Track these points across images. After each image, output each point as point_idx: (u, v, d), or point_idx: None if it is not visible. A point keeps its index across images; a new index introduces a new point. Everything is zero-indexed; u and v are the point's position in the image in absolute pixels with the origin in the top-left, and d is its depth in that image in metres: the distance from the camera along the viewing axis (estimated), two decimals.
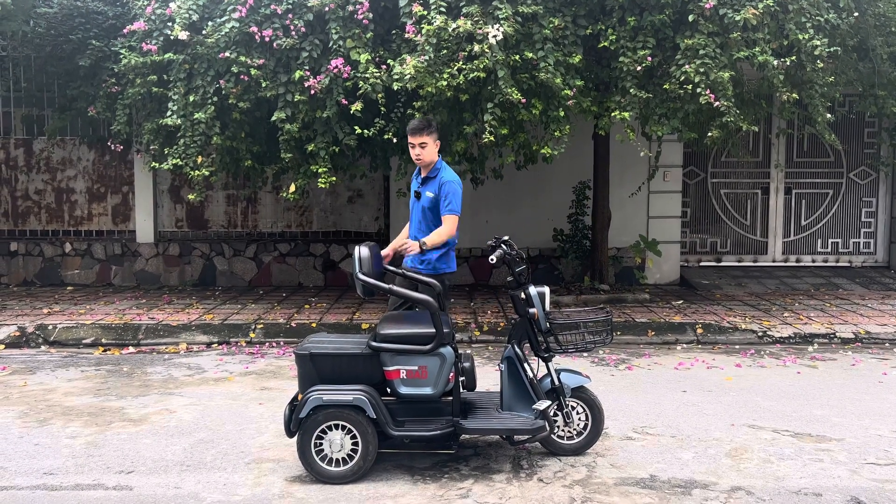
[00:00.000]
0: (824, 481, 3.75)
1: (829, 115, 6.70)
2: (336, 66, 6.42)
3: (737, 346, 6.73)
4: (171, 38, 6.69)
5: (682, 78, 6.31)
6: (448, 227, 4.45)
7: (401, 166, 7.53)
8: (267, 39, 6.58)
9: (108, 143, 8.32)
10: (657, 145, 8.00)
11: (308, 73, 6.54)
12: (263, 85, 6.62)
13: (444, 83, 6.07)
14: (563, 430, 4.06)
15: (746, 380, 5.60)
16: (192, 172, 6.90)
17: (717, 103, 6.25)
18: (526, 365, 3.96)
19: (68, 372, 5.89)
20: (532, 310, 3.96)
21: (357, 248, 3.96)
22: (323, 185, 6.79)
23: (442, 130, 6.89)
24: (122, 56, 6.92)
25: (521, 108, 6.35)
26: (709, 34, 6.39)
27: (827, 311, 7.80)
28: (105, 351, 6.64)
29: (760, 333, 6.91)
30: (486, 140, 6.28)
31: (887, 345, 6.73)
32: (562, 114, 6.48)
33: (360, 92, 6.37)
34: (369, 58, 6.42)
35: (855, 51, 7.16)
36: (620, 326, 6.95)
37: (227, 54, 6.58)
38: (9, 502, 3.53)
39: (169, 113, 6.83)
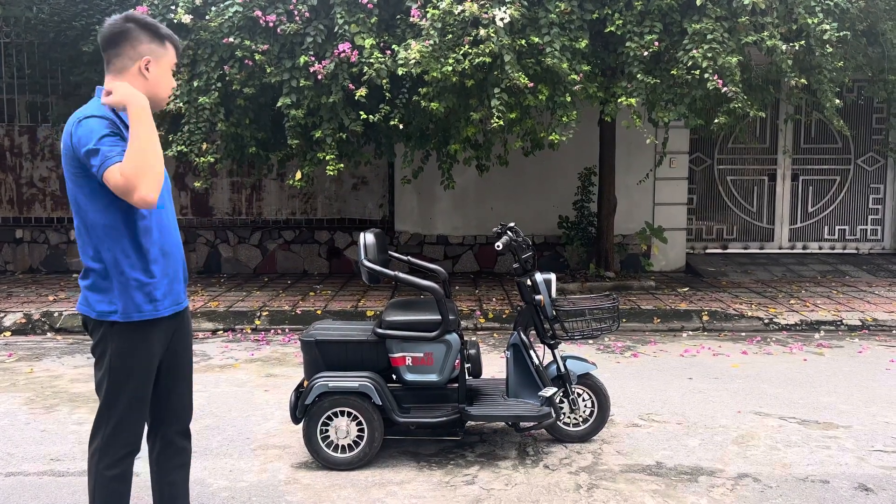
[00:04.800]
0: (831, 468, 3.74)
1: (837, 101, 6.63)
2: (343, 51, 6.38)
3: (743, 334, 6.71)
4: (175, 22, 6.65)
5: (690, 63, 6.25)
6: None
7: (406, 153, 7.50)
8: (271, 24, 6.54)
9: None
10: (664, 132, 7.95)
11: (313, 59, 6.50)
12: (268, 70, 6.59)
13: (450, 68, 6.03)
14: (568, 417, 4.05)
15: (753, 367, 5.59)
16: (197, 159, 6.89)
17: (724, 89, 6.20)
18: (532, 352, 3.95)
19: (74, 359, 5.90)
20: (538, 297, 3.95)
21: (362, 235, 3.94)
22: (331, 173, 6.77)
23: (449, 117, 6.87)
24: None
25: (528, 94, 6.31)
26: (717, 18, 6.32)
27: (833, 298, 7.76)
28: None
29: (766, 320, 6.89)
30: (495, 125, 6.24)
31: (894, 332, 6.70)
32: (568, 99, 6.43)
33: (365, 77, 6.33)
34: (374, 43, 6.38)
35: (864, 35, 7.08)
36: (626, 313, 6.93)
37: (230, 39, 6.54)
38: (16, 488, 3.54)
39: (173, 98, 6.80)
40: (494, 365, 5.35)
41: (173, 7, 6.72)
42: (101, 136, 2.34)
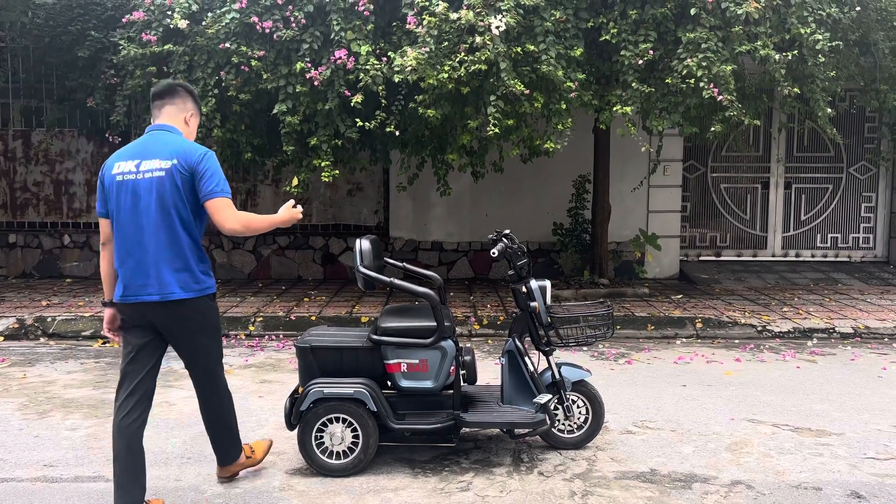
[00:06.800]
0: (824, 476, 3.76)
1: (829, 110, 6.69)
2: (339, 57, 6.39)
3: (736, 341, 6.74)
4: (171, 27, 6.66)
5: (685, 72, 6.29)
6: None
7: (403, 160, 7.51)
8: (267, 31, 6.55)
9: (107, 135, 8.29)
10: (658, 139, 7.99)
11: (309, 65, 6.52)
12: (264, 77, 6.60)
13: (446, 75, 6.05)
14: (563, 424, 4.06)
15: (746, 374, 5.61)
16: None
17: (720, 97, 6.24)
18: (527, 358, 3.96)
19: (67, 364, 5.88)
20: (533, 304, 3.96)
21: (358, 241, 3.95)
22: (326, 179, 6.78)
23: (445, 124, 6.89)
24: (121, 47, 6.89)
25: (524, 101, 6.33)
26: (710, 28, 6.37)
27: (826, 305, 7.80)
28: (104, 343, 6.63)
29: (760, 328, 6.92)
30: (491, 132, 6.27)
31: (886, 340, 6.74)
32: (563, 107, 6.46)
33: (361, 84, 6.35)
34: (370, 49, 6.40)
35: (856, 45, 7.15)
36: (620, 320, 6.95)
37: (227, 45, 6.55)
38: (9, 494, 3.52)
39: None
40: (489, 371, 5.36)
41: (170, 13, 6.73)
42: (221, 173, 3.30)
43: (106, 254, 3.34)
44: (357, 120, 6.56)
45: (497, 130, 6.23)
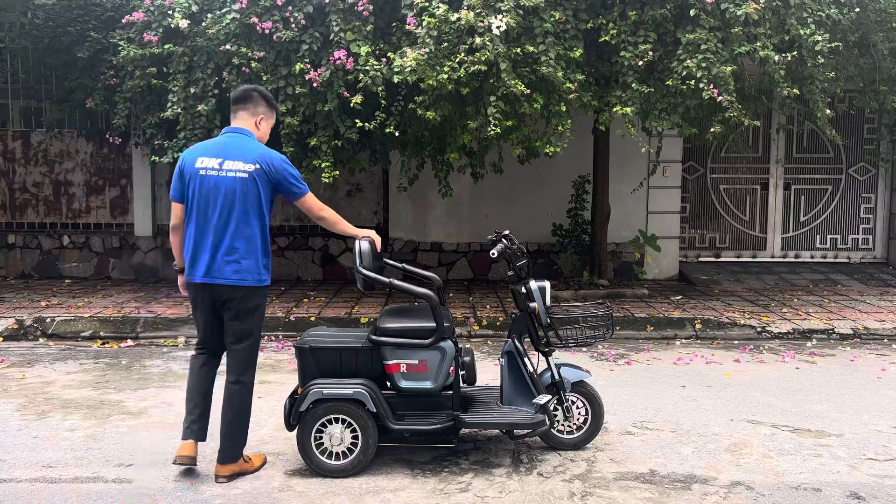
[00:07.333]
0: (823, 476, 3.76)
1: (828, 111, 6.69)
2: (339, 58, 6.39)
3: (735, 342, 6.74)
4: (172, 27, 6.65)
5: (684, 73, 6.29)
6: None
7: (403, 162, 7.51)
8: (267, 32, 6.56)
9: (107, 136, 8.28)
10: (657, 140, 7.99)
11: (308, 66, 6.52)
12: (264, 78, 6.60)
13: (445, 76, 6.05)
14: (562, 425, 4.06)
15: (745, 375, 5.61)
16: None
17: (720, 98, 6.24)
18: (526, 359, 3.96)
19: (66, 365, 5.88)
20: (533, 304, 3.96)
21: (358, 242, 3.95)
22: (326, 180, 6.78)
23: (445, 125, 6.89)
24: (120, 48, 6.88)
25: (524, 101, 6.34)
26: (710, 29, 6.37)
27: (825, 306, 7.80)
28: (103, 344, 6.63)
29: (759, 329, 6.92)
30: (492, 133, 6.26)
31: (885, 341, 6.74)
32: (563, 108, 6.46)
33: (360, 85, 6.35)
34: (369, 50, 6.40)
35: (856, 46, 7.15)
36: (619, 321, 6.95)
37: (227, 47, 6.55)
38: (8, 495, 3.52)
39: (170, 105, 6.80)
40: (488, 372, 5.36)
41: (170, 13, 6.73)
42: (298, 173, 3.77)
43: (177, 235, 3.76)
44: (357, 121, 6.56)
45: (498, 131, 6.23)
